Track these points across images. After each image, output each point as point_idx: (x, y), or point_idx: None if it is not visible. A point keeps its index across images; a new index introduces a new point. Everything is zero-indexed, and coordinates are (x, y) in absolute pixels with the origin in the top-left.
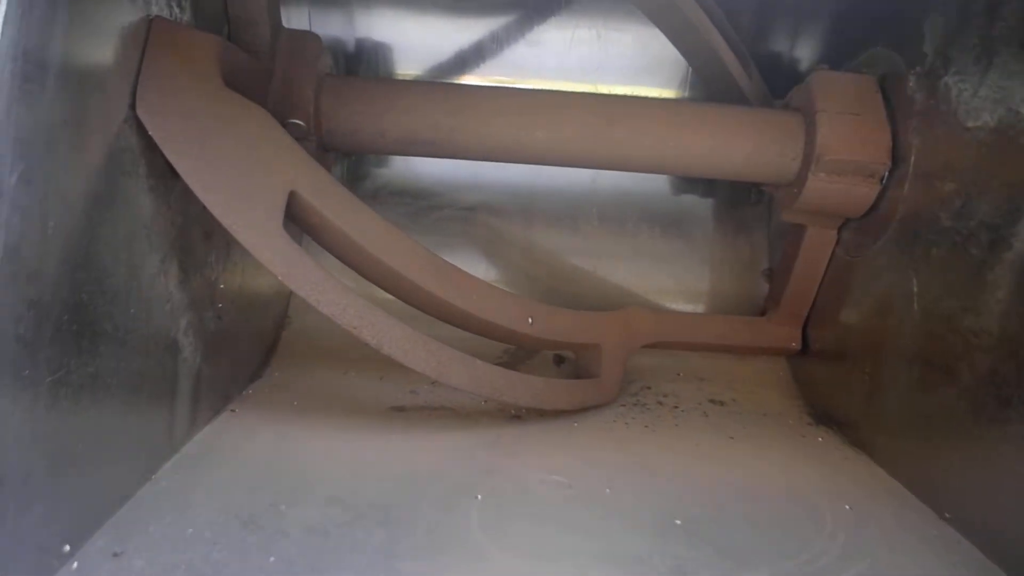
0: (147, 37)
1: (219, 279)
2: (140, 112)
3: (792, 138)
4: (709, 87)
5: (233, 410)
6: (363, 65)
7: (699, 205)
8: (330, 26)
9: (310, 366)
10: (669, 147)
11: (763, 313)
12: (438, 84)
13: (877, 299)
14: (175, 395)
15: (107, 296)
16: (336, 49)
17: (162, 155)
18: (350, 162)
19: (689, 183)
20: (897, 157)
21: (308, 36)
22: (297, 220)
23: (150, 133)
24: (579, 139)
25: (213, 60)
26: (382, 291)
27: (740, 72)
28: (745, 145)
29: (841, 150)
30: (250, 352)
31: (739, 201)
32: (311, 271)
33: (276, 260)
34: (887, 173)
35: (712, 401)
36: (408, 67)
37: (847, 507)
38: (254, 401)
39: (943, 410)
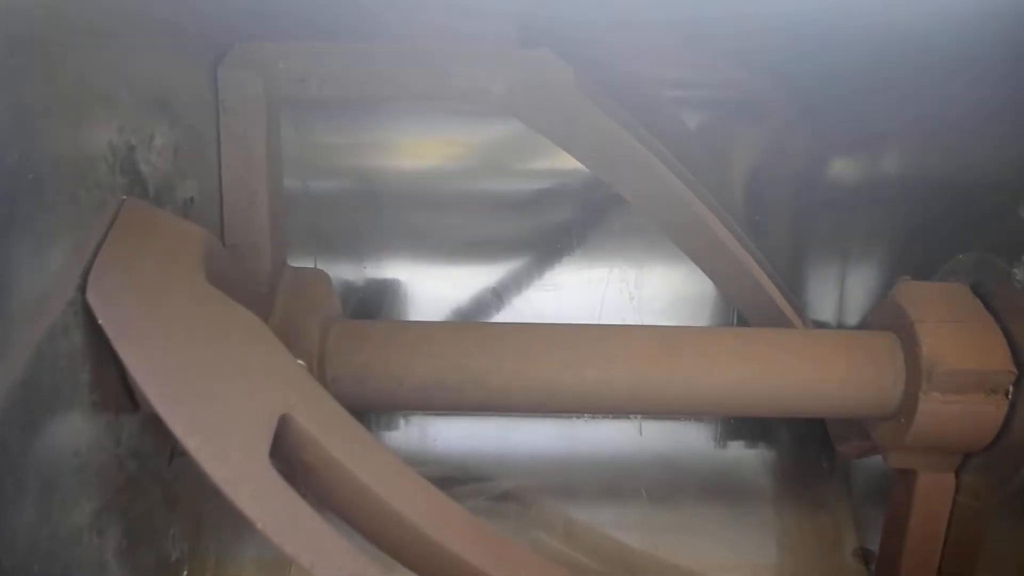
0: (115, 217)
1: (183, 563)
2: (90, 295)
3: (889, 358)
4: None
5: None
6: (370, 316)
7: (765, 477)
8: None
9: None
10: (747, 380)
11: None
12: (467, 324)
13: None
14: None
15: None
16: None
17: (119, 374)
18: None
19: (750, 449)
20: (1020, 366)
21: (316, 273)
22: (286, 455)
23: (99, 322)
24: (636, 377)
25: (196, 253)
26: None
27: (791, 310)
28: (837, 371)
29: (955, 360)
30: None
31: (809, 472)
32: (306, 520)
33: (255, 502)
34: (1013, 386)
35: None
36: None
37: None
38: None
39: None
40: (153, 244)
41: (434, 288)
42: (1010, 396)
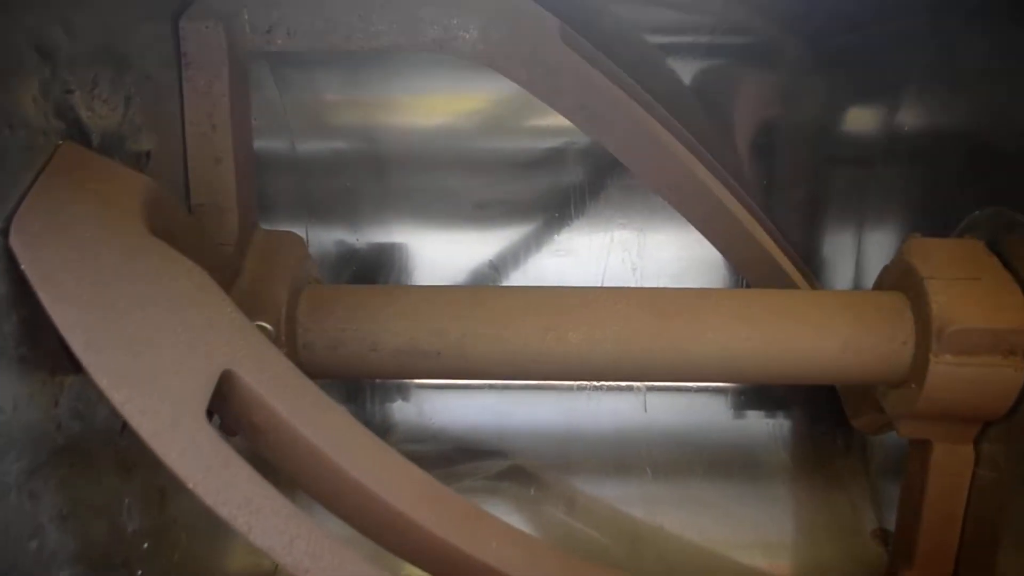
0: (48, 161)
1: (142, 535)
2: (14, 240)
3: (897, 318)
4: None
5: None
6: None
7: (777, 453)
8: (331, 245)
9: None
10: (741, 342)
11: None
12: (445, 286)
13: None
14: None
15: None
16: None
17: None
18: None
19: (761, 424)
20: None
21: (287, 235)
22: (233, 416)
23: (22, 267)
24: (623, 340)
25: (135, 200)
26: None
27: (797, 274)
28: (840, 331)
29: (967, 318)
30: None
31: (824, 449)
32: (242, 480)
33: (186, 459)
34: None
35: None
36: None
37: None
38: None
39: None
40: (88, 190)
41: (432, 254)
42: None
